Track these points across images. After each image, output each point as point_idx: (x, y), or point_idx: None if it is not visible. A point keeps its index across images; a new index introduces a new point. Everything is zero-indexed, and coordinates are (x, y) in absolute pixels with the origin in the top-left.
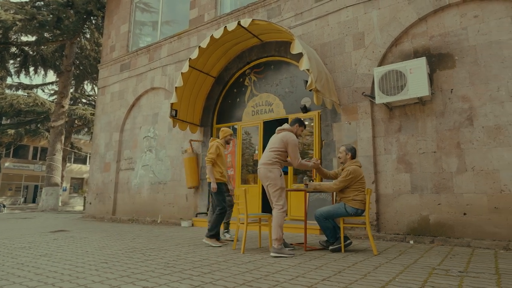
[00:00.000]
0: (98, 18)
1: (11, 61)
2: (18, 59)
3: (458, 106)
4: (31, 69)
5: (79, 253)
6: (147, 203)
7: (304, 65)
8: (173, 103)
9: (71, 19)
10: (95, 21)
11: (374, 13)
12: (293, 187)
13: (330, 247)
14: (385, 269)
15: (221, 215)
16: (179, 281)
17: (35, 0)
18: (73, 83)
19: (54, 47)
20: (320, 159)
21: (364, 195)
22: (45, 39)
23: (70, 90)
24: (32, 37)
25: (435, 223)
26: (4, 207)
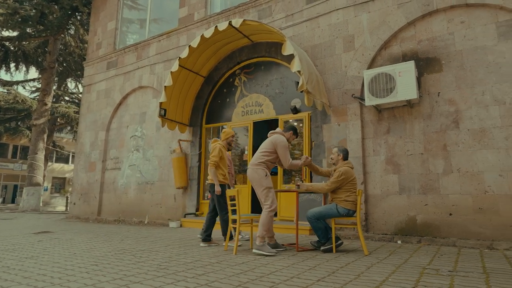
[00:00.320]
0: (84, 14)
1: None
2: None
3: (445, 109)
4: (12, 65)
5: (67, 255)
6: (134, 204)
7: (296, 67)
8: (162, 103)
9: (55, 15)
10: (80, 17)
11: (364, 16)
12: (285, 188)
13: (322, 248)
14: (377, 269)
15: (227, 220)
16: (174, 284)
17: None
18: (56, 80)
19: (37, 43)
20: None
21: (356, 196)
22: (28, 35)
23: (53, 88)
24: (14, 32)
25: (422, 223)
26: None
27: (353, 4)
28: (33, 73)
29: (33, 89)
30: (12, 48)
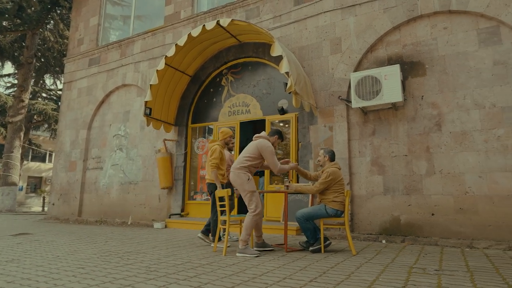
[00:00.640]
0: (64, 9)
1: None
2: None
3: (428, 112)
4: None
5: (50, 258)
6: (117, 204)
7: (284, 68)
8: (148, 101)
9: (34, 8)
10: (60, 12)
11: (351, 20)
12: (275, 188)
13: (311, 248)
14: (367, 269)
15: (216, 220)
16: (166, 286)
17: None
18: (33, 76)
19: (13, 37)
20: (297, 161)
21: (344, 197)
22: (4, 28)
23: (30, 84)
24: None
25: (406, 223)
26: None
27: (341, 7)
28: (9, 68)
29: (8, 85)
30: None
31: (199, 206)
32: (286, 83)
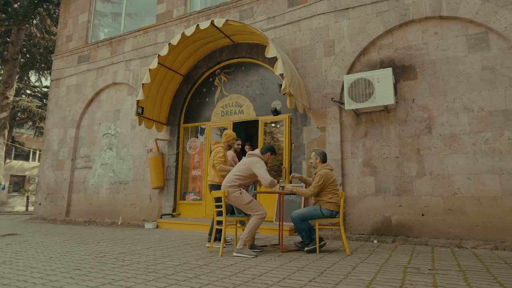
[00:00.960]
0: (51, 5)
1: None
2: None
3: (419, 115)
4: None
5: (43, 260)
6: (106, 204)
7: (279, 69)
8: (140, 100)
9: (21, 3)
10: (47, 7)
11: (344, 23)
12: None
13: (306, 248)
14: (363, 269)
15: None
16: (167, 287)
17: None
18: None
19: None
20: (290, 162)
21: (338, 197)
22: None
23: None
24: None
25: (397, 224)
26: None
27: (334, 10)
28: None
29: None
30: None
31: (191, 206)
32: (281, 84)
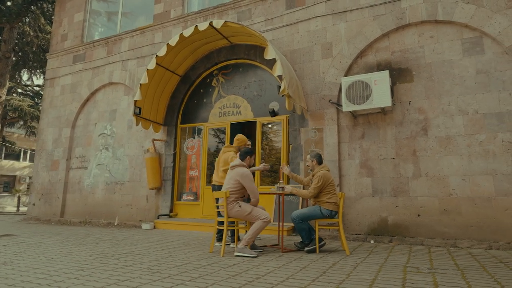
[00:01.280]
0: (46, 3)
1: None
2: None
3: (415, 117)
4: None
5: (44, 261)
6: (102, 204)
7: (278, 71)
8: (137, 101)
9: (15, 1)
10: (41, 5)
11: (342, 26)
12: (270, 190)
13: (306, 248)
14: (364, 268)
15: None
16: (173, 287)
17: None
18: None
19: None
20: (288, 163)
21: (337, 197)
22: None
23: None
24: None
25: (393, 224)
26: None
27: (332, 13)
28: None
29: None
30: None
31: (188, 207)
32: (279, 86)
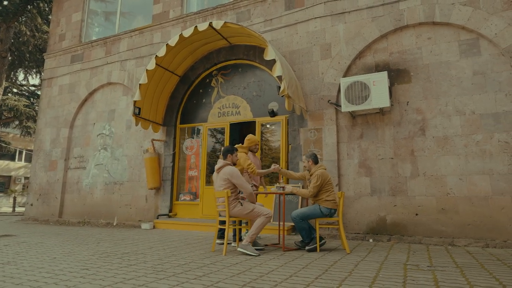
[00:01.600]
0: (43, 2)
1: None
2: None
3: (413, 118)
4: None
5: (48, 260)
6: (101, 205)
7: (277, 72)
8: (136, 101)
9: (12, 0)
10: (37, 4)
11: (341, 27)
12: (270, 190)
13: (307, 247)
14: (365, 266)
15: None
16: (180, 285)
17: None
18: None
19: None
20: (287, 163)
21: (335, 195)
22: None
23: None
24: None
25: (391, 223)
26: None
27: (330, 14)
28: None
29: None
30: None
31: (188, 207)
32: (279, 86)
